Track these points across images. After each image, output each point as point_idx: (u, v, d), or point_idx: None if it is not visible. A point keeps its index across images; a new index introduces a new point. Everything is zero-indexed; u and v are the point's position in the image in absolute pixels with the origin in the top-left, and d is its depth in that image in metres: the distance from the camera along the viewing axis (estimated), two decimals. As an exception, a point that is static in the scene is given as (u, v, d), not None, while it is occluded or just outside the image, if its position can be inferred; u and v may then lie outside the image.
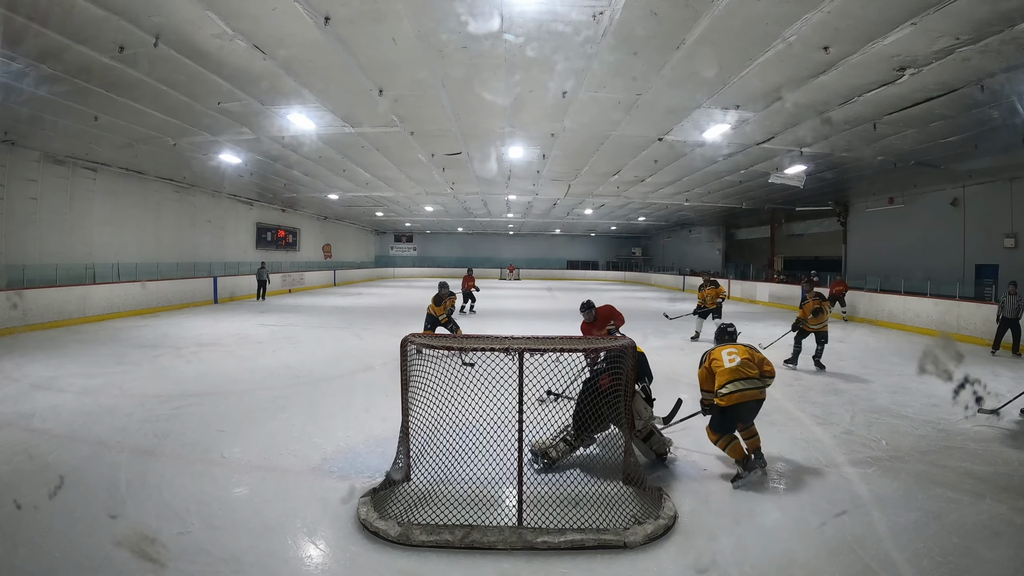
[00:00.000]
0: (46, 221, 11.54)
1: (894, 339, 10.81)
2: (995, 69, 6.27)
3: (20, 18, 5.33)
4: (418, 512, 3.04)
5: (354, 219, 30.44)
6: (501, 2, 5.17)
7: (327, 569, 2.62)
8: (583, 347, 3.52)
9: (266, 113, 8.78)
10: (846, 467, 3.89)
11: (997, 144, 9.63)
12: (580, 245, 40.65)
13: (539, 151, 11.61)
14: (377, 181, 15.98)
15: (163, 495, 3.28)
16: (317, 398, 5.67)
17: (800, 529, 3.00)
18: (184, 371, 6.88)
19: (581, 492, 3.33)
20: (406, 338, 3.39)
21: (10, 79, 6.83)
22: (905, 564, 2.63)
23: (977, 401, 5.49)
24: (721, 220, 27.77)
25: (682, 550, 2.78)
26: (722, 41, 5.88)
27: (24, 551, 2.63)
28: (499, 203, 21.95)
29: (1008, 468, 3.92)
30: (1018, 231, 12.52)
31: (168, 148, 10.98)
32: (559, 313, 15.47)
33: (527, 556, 2.71)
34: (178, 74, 6.98)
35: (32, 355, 7.60)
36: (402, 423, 3.43)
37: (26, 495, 3.23)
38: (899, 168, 11.88)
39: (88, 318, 11.34)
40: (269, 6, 5.25)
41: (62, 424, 4.59)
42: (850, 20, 5.27)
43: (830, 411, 5.36)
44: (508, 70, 6.85)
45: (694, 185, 15.89)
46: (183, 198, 16.51)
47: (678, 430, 4.56)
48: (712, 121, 8.94)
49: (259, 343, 9.20)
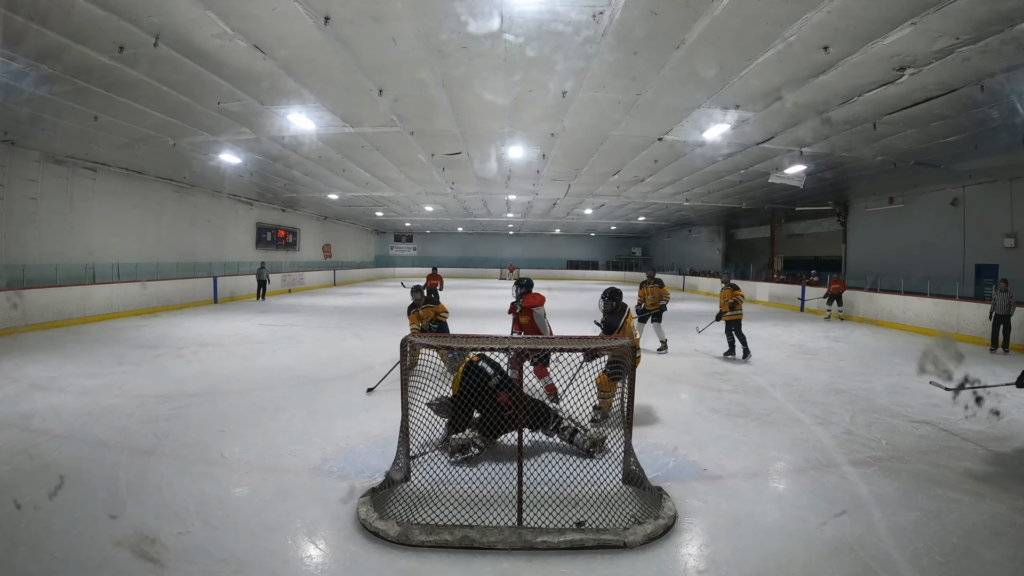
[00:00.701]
0: (46, 221, 11.54)
1: (894, 339, 10.81)
2: (995, 69, 6.27)
3: (20, 18, 5.33)
4: (418, 512, 3.04)
5: (354, 219, 30.44)
6: (501, 2, 5.16)
7: (327, 569, 2.62)
8: (583, 347, 3.52)
9: (266, 113, 8.78)
10: (846, 467, 3.89)
11: (997, 144, 9.64)
12: (580, 245, 40.65)
13: (539, 151, 11.61)
14: (377, 181, 15.98)
15: (163, 495, 3.28)
16: (317, 398, 5.67)
17: (800, 529, 3.00)
18: (184, 371, 6.88)
19: (581, 492, 3.33)
20: (406, 338, 3.40)
21: (10, 79, 6.82)
22: (905, 564, 2.63)
23: (977, 402, 5.50)
24: (721, 220, 27.76)
25: (682, 550, 2.78)
26: (722, 41, 5.88)
27: (24, 551, 2.63)
28: (499, 203, 21.94)
29: (1008, 468, 3.92)
30: (1018, 231, 12.51)
31: (168, 148, 10.98)
32: (559, 313, 15.46)
33: (527, 556, 2.71)
34: (178, 74, 6.98)
35: (32, 355, 7.60)
36: (402, 423, 3.43)
37: (26, 495, 3.23)
38: (899, 168, 11.88)
39: (88, 318, 11.34)
40: (269, 6, 5.25)
41: (62, 424, 4.59)
42: (850, 20, 5.27)
43: (830, 411, 5.35)
44: (508, 70, 6.85)
45: (694, 185, 15.89)
46: (183, 198, 16.51)
47: (677, 430, 4.56)
48: (712, 121, 8.94)
49: (259, 343, 9.20)
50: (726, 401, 5.74)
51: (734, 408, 5.47)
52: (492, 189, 17.29)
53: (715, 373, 7.20)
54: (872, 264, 16.89)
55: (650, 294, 8.87)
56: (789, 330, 11.91)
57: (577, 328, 11.80)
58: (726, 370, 7.37)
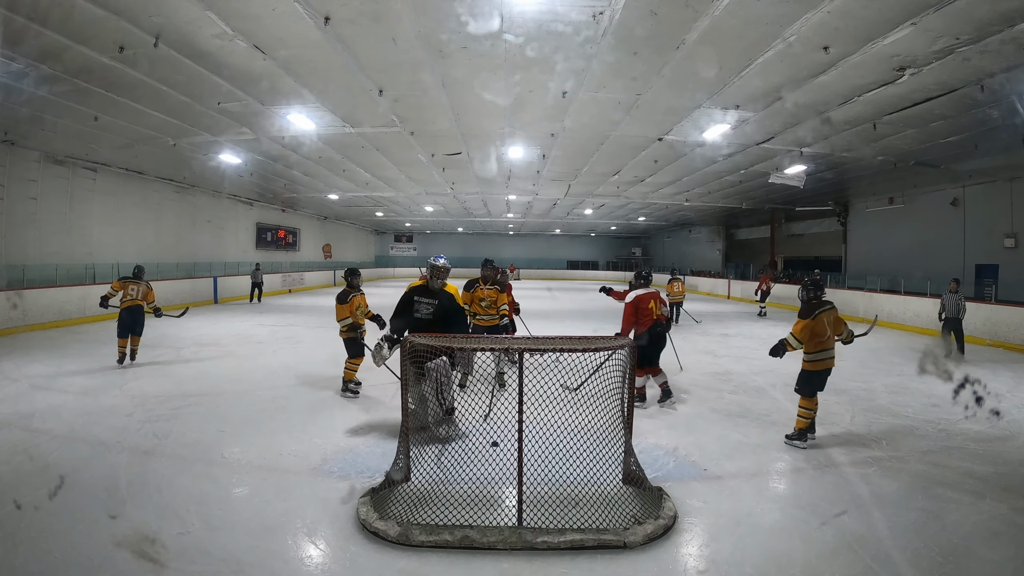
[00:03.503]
0: (46, 221, 11.54)
1: (894, 339, 10.80)
2: (995, 69, 6.27)
3: (20, 18, 5.33)
4: (418, 512, 3.04)
5: (354, 219, 30.45)
6: (501, 2, 5.16)
7: (327, 569, 2.62)
8: (583, 347, 3.52)
9: (266, 113, 8.78)
10: (846, 467, 3.89)
11: (997, 144, 9.63)
12: (580, 245, 40.66)
13: (539, 151, 11.61)
14: (377, 181, 15.98)
15: (163, 495, 3.28)
16: (317, 398, 5.67)
17: (800, 529, 3.00)
18: (184, 371, 6.88)
19: (581, 492, 3.33)
20: (406, 338, 3.40)
21: (10, 79, 6.82)
22: (905, 564, 2.63)
23: (978, 402, 5.49)
24: (721, 220, 27.77)
25: (682, 550, 2.78)
26: (722, 41, 5.88)
27: (24, 551, 2.63)
28: (499, 203, 21.95)
29: (1008, 468, 3.91)
30: (1018, 231, 12.51)
31: (168, 148, 10.98)
32: (559, 313, 15.48)
33: (527, 556, 2.71)
34: (178, 74, 6.98)
35: (32, 355, 7.60)
36: (402, 423, 3.43)
37: (26, 495, 3.23)
38: (899, 168, 11.88)
39: (88, 318, 11.33)
40: (269, 6, 5.25)
41: (62, 424, 4.59)
42: (850, 20, 5.27)
43: (830, 411, 5.35)
44: (508, 70, 6.85)
45: (694, 185, 15.89)
46: (183, 198, 16.51)
47: (678, 430, 4.56)
48: (712, 121, 8.94)
49: (259, 343, 9.20)
50: (726, 401, 5.74)
51: (734, 408, 5.47)
52: (492, 189, 17.30)
53: (715, 373, 7.20)
54: (872, 264, 16.89)
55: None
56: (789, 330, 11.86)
57: (578, 328, 11.80)
58: (726, 370, 7.37)
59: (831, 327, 4.30)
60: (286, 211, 23.48)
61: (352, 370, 5.78)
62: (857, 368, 7.61)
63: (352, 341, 5.75)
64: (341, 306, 5.71)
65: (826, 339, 4.29)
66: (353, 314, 5.70)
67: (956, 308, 8.41)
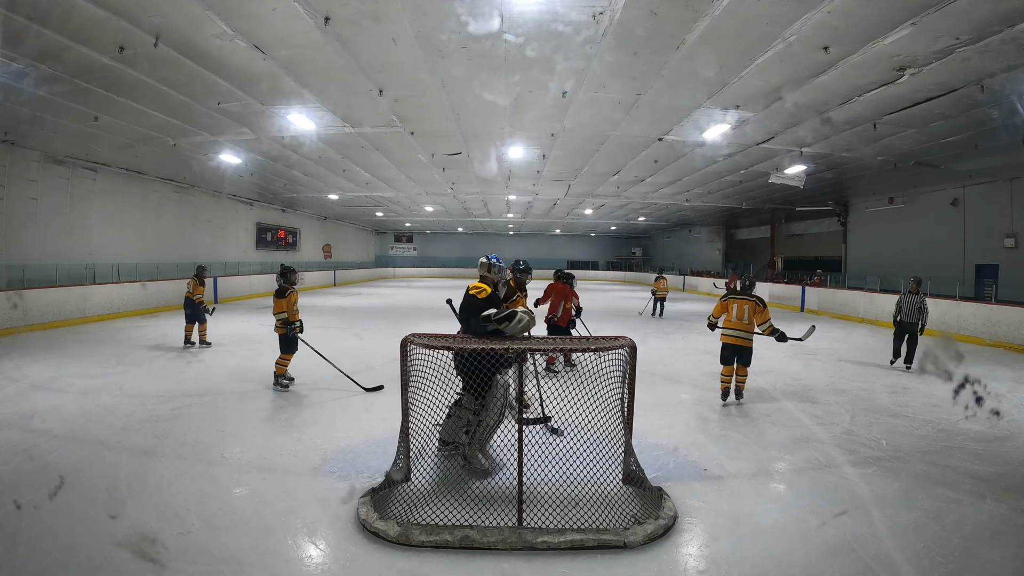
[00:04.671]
0: (46, 221, 11.54)
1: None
2: (995, 69, 6.27)
3: (20, 18, 5.34)
4: (418, 512, 3.04)
5: (354, 219, 30.44)
6: (501, 2, 5.17)
7: (327, 569, 2.61)
8: (583, 347, 3.52)
9: (266, 113, 8.78)
10: (846, 467, 3.89)
11: (997, 144, 9.64)
12: (580, 245, 40.66)
13: (539, 151, 11.62)
14: (377, 181, 15.99)
15: (163, 495, 3.27)
16: (317, 398, 5.67)
17: (800, 529, 3.00)
18: (184, 371, 6.88)
19: (581, 492, 3.33)
20: (406, 338, 3.39)
21: (10, 79, 6.83)
22: (905, 564, 2.62)
23: (978, 402, 5.49)
24: (721, 220, 27.77)
25: (682, 550, 2.78)
26: (722, 41, 5.88)
27: (24, 551, 2.63)
28: (499, 203, 21.95)
29: (1008, 468, 3.91)
30: (1018, 231, 12.52)
31: (168, 148, 10.99)
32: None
33: (527, 556, 2.70)
34: (178, 74, 6.98)
35: (32, 355, 7.60)
36: (402, 423, 3.43)
37: (26, 495, 3.23)
38: (899, 168, 11.89)
39: (88, 318, 11.33)
40: (269, 6, 5.25)
41: (62, 424, 4.59)
42: (850, 20, 5.28)
43: (830, 411, 5.35)
44: (508, 70, 6.85)
45: (694, 185, 15.89)
46: (183, 198, 16.51)
47: (678, 430, 4.55)
48: (712, 121, 8.94)
49: (259, 343, 9.19)
50: (726, 401, 5.74)
51: (734, 408, 5.47)
52: (492, 189, 17.30)
53: (715, 373, 7.16)
54: (872, 264, 16.89)
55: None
56: (789, 330, 11.82)
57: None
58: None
59: (748, 315, 5.47)
60: (286, 211, 23.47)
61: (283, 365, 6.03)
62: (857, 368, 7.61)
63: (285, 337, 5.98)
64: (279, 300, 5.97)
65: (736, 321, 5.49)
66: (289, 309, 5.95)
67: (914, 312, 7.29)
